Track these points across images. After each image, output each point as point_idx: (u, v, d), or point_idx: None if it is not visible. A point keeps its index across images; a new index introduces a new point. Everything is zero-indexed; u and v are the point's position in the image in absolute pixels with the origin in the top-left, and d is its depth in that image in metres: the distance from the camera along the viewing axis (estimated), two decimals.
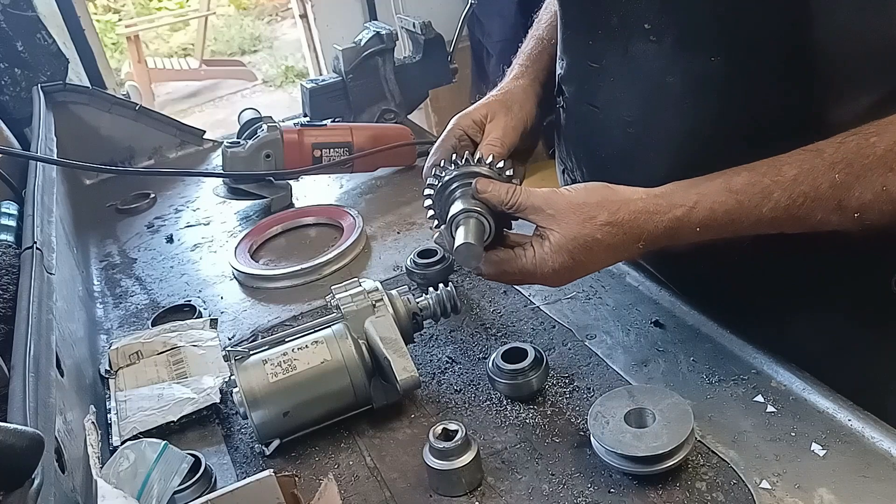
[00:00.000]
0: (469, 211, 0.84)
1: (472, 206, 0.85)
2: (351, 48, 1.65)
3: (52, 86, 1.72)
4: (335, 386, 0.85)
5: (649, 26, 0.81)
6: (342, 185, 1.57)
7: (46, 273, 1.01)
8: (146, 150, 1.79)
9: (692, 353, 0.89)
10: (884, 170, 0.68)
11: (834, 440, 0.74)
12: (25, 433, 0.62)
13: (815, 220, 0.73)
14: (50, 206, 1.23)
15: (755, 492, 0.70)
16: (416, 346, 0.99)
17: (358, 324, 0.88)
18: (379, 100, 1.70)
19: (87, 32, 2.51)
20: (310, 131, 1.46)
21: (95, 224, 1.55)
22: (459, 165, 0.88)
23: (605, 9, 0.86)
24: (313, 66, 3.68)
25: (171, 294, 1.25)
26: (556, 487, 0.75)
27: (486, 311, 1.06)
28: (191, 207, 1.57)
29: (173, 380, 0.99)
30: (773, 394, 0.81)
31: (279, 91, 6.74)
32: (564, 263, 0.80)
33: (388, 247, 1.29)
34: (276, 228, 1.38)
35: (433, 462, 0.75)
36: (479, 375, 0.92)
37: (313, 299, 1.15)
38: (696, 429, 0.77)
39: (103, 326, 1.18)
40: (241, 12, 8.44)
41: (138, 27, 6.66)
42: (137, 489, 0.72)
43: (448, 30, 1.81)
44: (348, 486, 0.80)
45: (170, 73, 6.52)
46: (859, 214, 0.70)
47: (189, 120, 2.25)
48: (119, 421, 0.92)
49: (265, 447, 0.85)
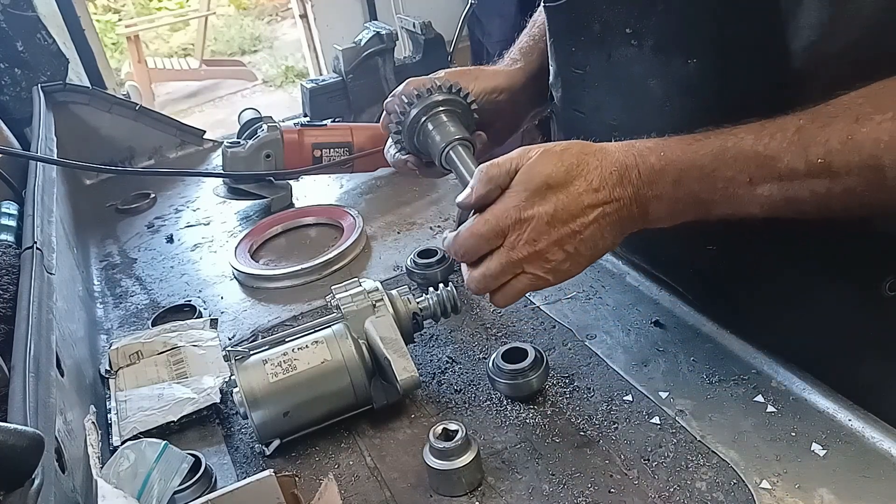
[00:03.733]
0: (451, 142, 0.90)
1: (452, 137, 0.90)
2: (351, 48, 1.65)
3: (52, 86, 1.72)
4: (335, 386, 0.85)
5: (630, 31, 0.83)
6: (342, 185, 1.57)
7: (46, 273, 1.01)
8: (146, 150, 1.79)
9: (692, 353, 0.89)
10: (849, 120, 0.67)
11: (834, 440, 0.74)
12: (25, 433, 0.62)
13: (783, 166, 0.70)
14: (50, 206, 1.23)
15: (755, 492, 0.70)
16: (416, 346, 0.99)
17: (358, 324, 0.88)
18: (379, 100, 1.69)
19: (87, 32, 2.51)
20: (310, 131, 1.46)
21: (95, 224, 1.55)
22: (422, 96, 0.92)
23: (587, 15, 0.87)
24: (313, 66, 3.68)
25: (171, 294, 1.25)
26: (556, 487, 0.75)
27: (486, 311, 1.06)
28: (191, 207, 1.57)
29: (173, 380, 0.99)
30: (773, 394, 0.81)
31: (279, 91, 6.74)
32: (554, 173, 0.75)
33: (388, 247, 1.29)
34: (277, 228, 1.38)
35: (433, 462, 0.75)
36: (479, 375, 0.92)
37: (313, 299, 1.15)
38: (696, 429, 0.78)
39: (103, 326, 1.18)
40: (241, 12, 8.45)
41: (138, 27, 6.67)
42: (137, 489, 0.72)
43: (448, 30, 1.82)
44: (348, 486, 0.80)
45: (170, 73, 6.52)
46: (823, 161, 0.68)
47: (189, 120, 2.25)
48: (119, 421, 0.92)
49: (265, 447, 0.85)
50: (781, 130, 0.70)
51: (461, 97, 0.94)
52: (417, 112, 0.93)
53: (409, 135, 0.95)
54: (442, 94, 0.93)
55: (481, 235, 0.77)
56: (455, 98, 0.93)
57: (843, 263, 0.83)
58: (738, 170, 0.72)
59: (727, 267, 0.91)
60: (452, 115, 0.93)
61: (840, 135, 0.67)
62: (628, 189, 0.75)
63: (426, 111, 0.92)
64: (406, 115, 0.94)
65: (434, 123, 0.92)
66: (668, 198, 0.75)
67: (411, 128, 0.94)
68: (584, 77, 0.92)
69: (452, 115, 0.93)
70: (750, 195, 0.72)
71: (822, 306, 0.86)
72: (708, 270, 0.95)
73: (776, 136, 0.70)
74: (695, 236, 0.81)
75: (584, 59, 0.91)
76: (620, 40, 0.84)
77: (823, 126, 0.68)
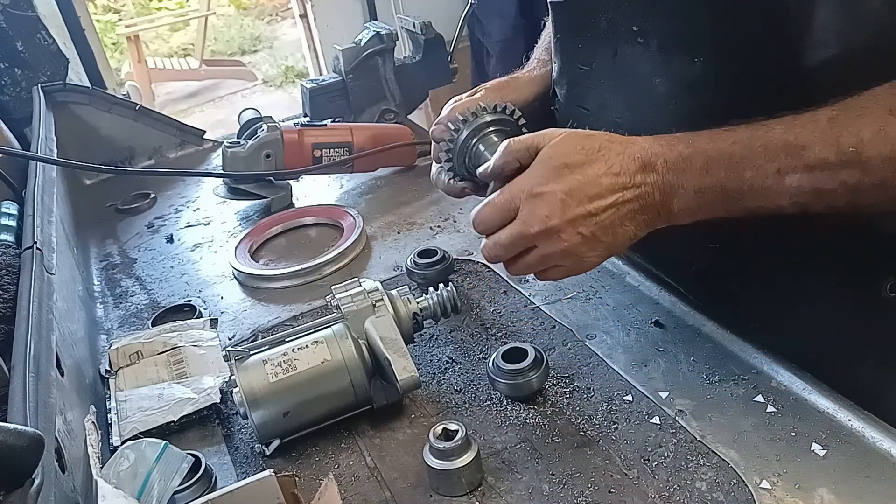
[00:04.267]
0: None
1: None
2: (351, 48, 1.65)
3: (52, 86, 1.72)
4: (335, 386, 0.85)
5: (636, 28, 0.82)
6: (342, 185, 1.57)
7: (46, 273, 1.01)
8: (146, 150, 1.79)
9: (692, 353, 0.89)
10: (882, 111, 0.67)
11: (834, 440, 0.74)
12: (25, 433, 0.62)
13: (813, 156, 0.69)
14: (50, 206, 1.23)
15: (755, 492, 0.70)
16: (416, 346, 0.99)
17: (358, 324, 0.88)
18: (379, 100, 1.70)
19: (87, 32, 2.51)
20: (310, 131, 1.46)
21: (95, 224, 1.55)
22: (469, 121, 0.90)
23: (594, 12, 0.87)
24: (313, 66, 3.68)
25: (171, 294, 1.25)
26: (556, 487, 0.75)
27: (486, 311, 1.06)
28: (191, 207, 1.57)
29: (173, 380, 0.99)
30: (773, 394, 0.81)
31: (279, 91, 6.74)
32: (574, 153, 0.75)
33: (388, 247, 1.29)
34: (276, 228, 1.38)
35: (433, 462, 0.75)
36: (479, 375, 0.92)
37: (313, 299, 1.15)
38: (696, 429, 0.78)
39: (103, 326, 1.18)
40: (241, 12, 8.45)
41: (138, 27, 6.67)
42: (137, 489, 0.72)
43: (448, 30, 1.81)
44: (348, 486, 0.80)
45: (170, 73, 6.52)
46: (855, 150, 0.67)
47: (189, 120, 2.25)
48: (119, 421, 0.92)
49: (265, 447, 0.85)
50: (813, 121, 0.70)
51: (508, 114, 0.91)
52: (466, 136, 0.91)
53: (461, 159, 0.92)
54: (489, 114, 0.91)
55: (494, 205, 0.79)
56: (502, 117, 0.91)
57: (843, 264, 0.83)
58: (768, 159, 0.71)
59: (728, 267, 0.91)
60: (501, 133, 0.91)
61: (873, 125, 0.67)
62: (651, 176, 0.75)
63: (475, 133, 0.91)
64: (455, 142, 0.91)
65: (485, 145, 0.90)
66: (693, 187, 0.74)
67: (461, 152, 0.92)
68: (590, 74, 0.92)
69: (501, 134, 0.90)
70: (779, 186, 0.71)
71: (823, 307, 0.86)
72: (708, 270, 0.95)
73: (807, 126, 0.70)
74: (696, 236, 0.81)
75: (589, 55, 0.91)
76: (626, 38, 0.84)
77: (857, 116, 0.68)
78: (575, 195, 0.75)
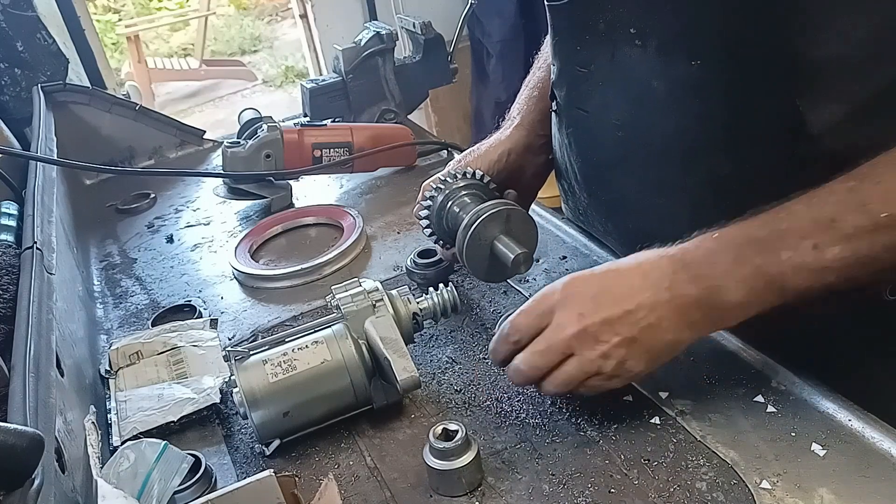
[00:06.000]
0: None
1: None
2: (351, 48, 1.65)
3: (52, 86, 1.72)
4: (335, 386, 0.85)
5: (634, 31, 0.82)
6: (342, 185, 1.57)
7: (46, 273, 1.01)
8: (146, 150, 1.79)
9: (692, 353, 0.89)
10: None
11: (834, 440, 0.74)
12: (25, 433, 0.62)
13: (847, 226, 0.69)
14: (50, 206, 1.23)
15: (755, 492, 0.70)
16: (416, 346, 0.99)
17: (358, 324, 0.88)
18: (379, 100, 1.70)
19: (87, 32, 2.51)
20: (310, 131, 1.46)
21: (95, 224, 1.55)
22: (441, 189, 1.02)
23: (593, 14, 0.87)
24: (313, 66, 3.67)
25: (171, 294, 1.25)
26: (556, 487, 0.75)
27: (486, 311, 1.06)
28: (191, 207, 1.57)
29: (173, 380, 0.99)
30: (773, 394, 0.81)
31: (279, 91, 6.74)
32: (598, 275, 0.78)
33: (388, 247, 1.29)
34: (276, 228, 1.38)
35: (433, 462, 0.75)
36: (479, 375, 0.92)
37: (313, 299, 1.15)
38: (696, 429, 0.78)
39: (103, 326, 1.18)
40: (241, 12, 8.44)
41: (138, 27, 6.67)
42: (137, 489, 0.72)
43: (448, 30, 1.81)
44: (348, 486, 0.80)
45: (170, 73, 6.52)
46: (889, 215, 0.67)
47: (189, 120, 2.25)
48: (119, 421, 0.92)
49: (265, 447, 0.85)
50: (832, 194, 0.70)
51: (478, 179, 1.03)
52: (441, 200, 1.02)
53: (439, 221, 1.04)
54: (460, 180, 1.03)
55: (528, 313, 0.79)
56: (472, 181, 1.03)
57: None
58: (801, 237, 0.70)
59: None
60: (473, 196, 1.02)
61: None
62: (682, 275, 0.74)
63: (449, 197, 1.02)
64: (432, 208, 1.03)
65: (459, 206, 1.01)
66: (734, 277, 0.73)
67: (439, 216, 1.03)
68: (589, 76, 0.92)
69: (473, 196, 1.02)
70: (819, 262, 0.70)
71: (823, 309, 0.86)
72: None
73: (829, 201, 0.70)
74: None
75: (589, 57, 0.91)
76: (625, 40, 0.84)
77: (876, 183, 0.68)
78: (607, 295, 0.75)
